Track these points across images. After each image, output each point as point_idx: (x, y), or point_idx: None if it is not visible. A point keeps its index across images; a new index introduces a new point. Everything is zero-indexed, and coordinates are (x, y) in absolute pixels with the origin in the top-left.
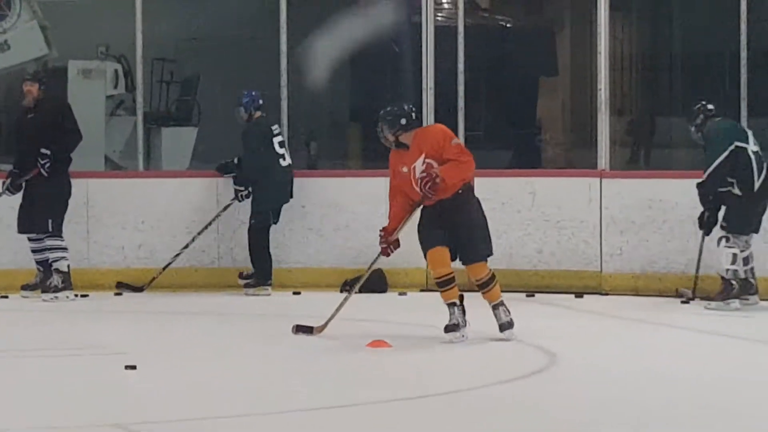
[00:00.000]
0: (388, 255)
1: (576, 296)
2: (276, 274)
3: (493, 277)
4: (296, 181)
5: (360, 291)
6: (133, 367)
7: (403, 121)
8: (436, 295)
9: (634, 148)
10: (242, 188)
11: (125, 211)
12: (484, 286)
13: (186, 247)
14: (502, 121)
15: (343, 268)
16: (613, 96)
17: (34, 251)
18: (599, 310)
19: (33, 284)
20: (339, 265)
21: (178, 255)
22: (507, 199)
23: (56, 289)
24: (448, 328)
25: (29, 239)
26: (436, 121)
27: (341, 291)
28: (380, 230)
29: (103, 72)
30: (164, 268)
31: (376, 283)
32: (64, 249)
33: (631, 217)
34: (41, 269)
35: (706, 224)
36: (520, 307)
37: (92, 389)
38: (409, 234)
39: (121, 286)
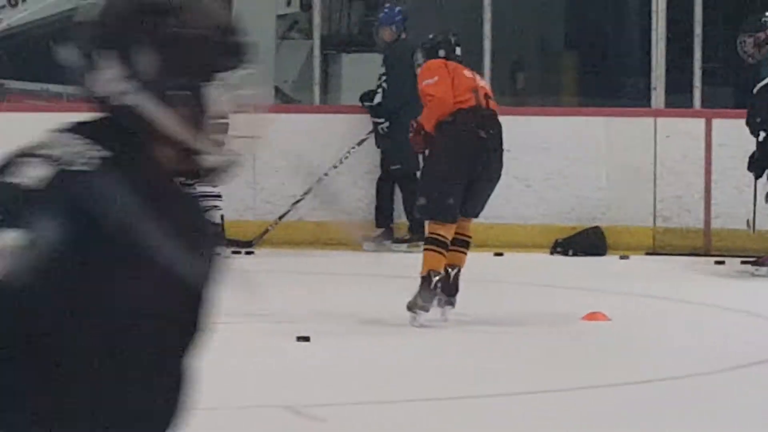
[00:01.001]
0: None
1: None
2: (473, 231)
3: (426, 240)
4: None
5: (575, 253)
6: (306, 339)
7: (442, 53)
8: (664, 260)
9: None
10: (382, 120)
11: (298, 152)
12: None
13: (307, 192)
14: None
15: (554, 224)
16: None
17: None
18: None
19: None
20: (549, 221)
21: (298, 202)
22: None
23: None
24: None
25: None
26: (668, 51)
27: (552, 253)
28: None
29: None
30: (280, 218)
31: (592, 243)
32: (218, 196)
33: None
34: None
35: (756, 163)
36: None
37: (260, 363)
38: (636, 189)
39: (229, 244)
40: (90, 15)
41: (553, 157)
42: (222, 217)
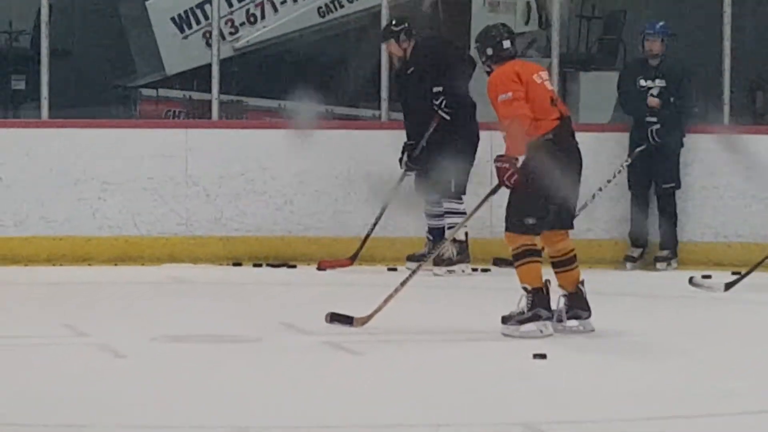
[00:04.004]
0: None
1: None
2: (711, 250)
3: (520, 254)
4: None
5: None
6: (543, 356)
7: (489, 51)
8: None
9: None
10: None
11: None
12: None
13: (583, 208)
14: None
15: None
16: None
17: (429, 216)
18: None
19: (420, 254)
20: None
21: (574, 217)
22: None
23: (450, 262)
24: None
25: (426, 201)
26: None
27: None
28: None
29: (513, 5)
30: None
31: None
32: (463, 214)
33: None
34: (431, 238)
35: None
36: None
37: (497, 382)
38: None
39: (499, 263)
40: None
41: None
42: (467, 234)
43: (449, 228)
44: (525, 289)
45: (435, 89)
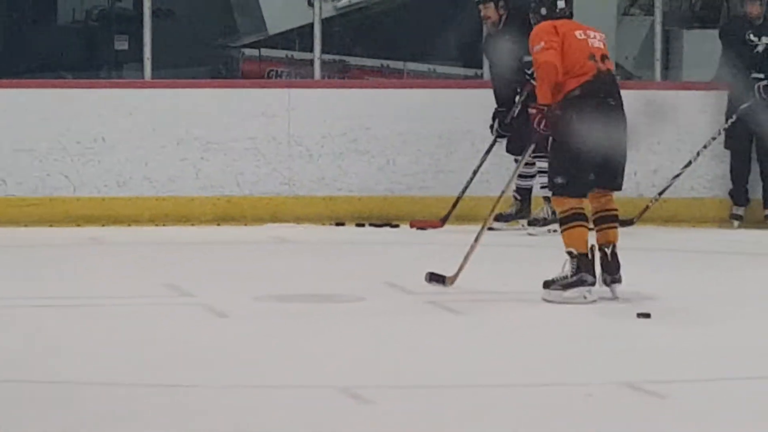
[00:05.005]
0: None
1: None
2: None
3: (567, 218)
4: None
5: None
6: (647, 316)
7: (543, 12)
8: None
9: None
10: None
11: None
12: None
13: (687, 166)
14: None
15: None
16: None
17: (519, 176)
18: None
19: (507, 214)
20: None
21: (678, 176)
22: None
23: (545, 222)
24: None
25: (516, 161)
26: None
27: None
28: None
29: None
30: (660, 193)
31: None
32: None
33: None
34: (518, 197)
35: None
36: None
37: (600, 341)
38: None
39: None
40: None
41: None
42: None
43: (542, 188)
44: (570, 253)
45: (526, 59)
